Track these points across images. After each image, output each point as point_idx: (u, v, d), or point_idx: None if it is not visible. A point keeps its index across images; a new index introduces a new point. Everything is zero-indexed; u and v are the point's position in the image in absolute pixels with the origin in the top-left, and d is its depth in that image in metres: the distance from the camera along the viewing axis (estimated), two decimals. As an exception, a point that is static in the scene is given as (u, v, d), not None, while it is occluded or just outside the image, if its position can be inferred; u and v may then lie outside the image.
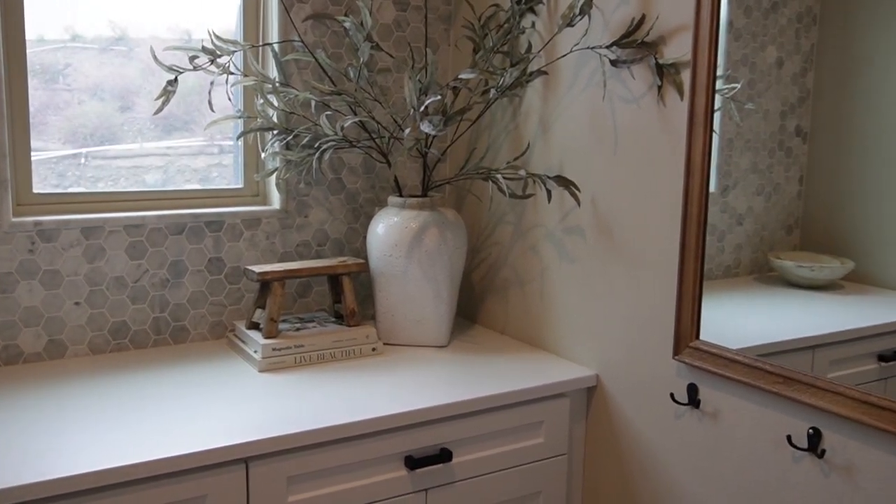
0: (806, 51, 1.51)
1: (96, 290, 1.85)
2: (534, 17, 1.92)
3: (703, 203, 1.54)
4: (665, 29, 1.60)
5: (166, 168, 2.00)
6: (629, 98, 1.70)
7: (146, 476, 1.32)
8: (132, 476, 1.31)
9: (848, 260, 1.44)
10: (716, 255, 1.59)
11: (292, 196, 2.07)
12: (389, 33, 2.14)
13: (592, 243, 1.82)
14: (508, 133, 2.05)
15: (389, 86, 2.15)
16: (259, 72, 1.90)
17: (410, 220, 1.92)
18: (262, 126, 1.93)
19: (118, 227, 1.86)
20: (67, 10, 1.85)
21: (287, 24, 1.98)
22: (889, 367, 1.39)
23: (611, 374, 1.80)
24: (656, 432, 1.70)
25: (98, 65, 1.89)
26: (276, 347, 1.79)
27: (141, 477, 1.32)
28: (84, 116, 1.89)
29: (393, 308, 1.96)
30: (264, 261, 2.04)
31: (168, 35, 1.96)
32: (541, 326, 1.99)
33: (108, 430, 1.43)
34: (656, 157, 1.65)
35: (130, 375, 1.73)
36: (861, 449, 1.32)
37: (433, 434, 1.61)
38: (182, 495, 1.37)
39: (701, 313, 1.58)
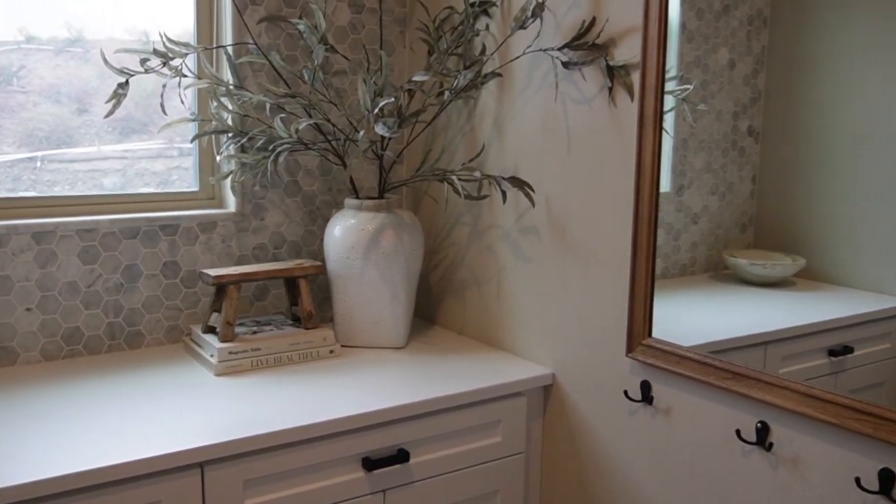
0: (757, 52, 1.54)
1: (48, 296, 1.83)
2: (487, 20, 1.94)
3: (653, 203, 1.57)
4: (615, 31, 1.63)
5: (125, 171, 1.98)
6: (581, 99, 1.72)
7: (99, 482, 1.31)
8: (85, 483, 1.29)
9: (799, 257, 1.48)
10: (672, 254, 1.62)
11: (248, 199, 2.06)
12: (345, 35, 2.14)
13: (547, 243, 1.84)
14: (464, 135, 2.07)
15: (345, 88, 2.15)
16: (213, 74, 1.89)
17: (367, 222, 1.92)
18: (217, 129, 1.92)
19: (70, 232, 1.83)
20: (21, 11, 1.82)
21: (241, 27, 1.98)
22: (839, 362, 1.42)
23: (566, 373, 1.82)
24: (611, 429, 1.72)
25: (53, 67, 1.87)
26: (232, 351, 1.78)
27: (94, 483, 1.30)
28: (39, 119, 1.87)
29: (350, 310, 1.96)
30: (220, 264, 2.03)
31: (125, 36, 1.94)
32: (498, 326, 2.01)
33: (61, 438, 1.42)
34: (608, 158, 1.67)
35: (84, 382, 1.71)
36: (807, 441, 1.35)
37: (391, 435, 1.62)
38: (137, 501, 1.36)
39: (653, 311, 1.60)
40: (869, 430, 1.24)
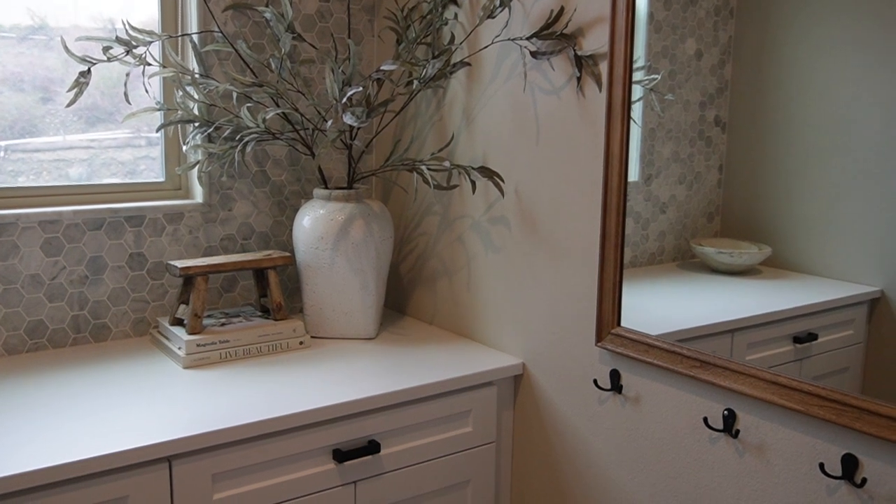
0: (724, 43, 1.54)
1: (10, 289, 1.79)
2: (456, 9, 1.93)
3: (622, 192, 1.57)
4: (583, 21, 1.63)
5: (91, 161, 1.95)
6: (549, 89, 1.72)
7: (65, 478, 1.29)
8: (50, 479, 1.28)
9: (765, 246, 1.49)
10: (640, 243, 1.63)
11: (215, 189, 2.04)
12: (312, 24, 2.12)
13: (517, 233, 1.84)
14: (433, 124, 2.06)
15: (313, 77, 2.13)
16: (178, 63, 1.86)
17: (336, 213, 1.91)
18: (183, 118, 1.89)
19: (32, 224, 1.80)
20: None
21: (206, 14, 1.95)
22: (803, 349, 1.44)
23: (536, 362, 1.82)
24: (581, 418, 1.74)
25: (16, 54, 1.83)
26: (200, 343, 1.76)
27: (60, 479, 1.29)
28: (2, 108, 1.83)
29: (320, 301, 1.95)
30: (188, 256, 2.01)
31: (90, 24, 1.90)
32: (468, 316, 2.01)
33: (24, 433, 1.39)
34: (576, 148, 1.68)
35: (48, 376, 1.68)
36: (772, 428, 1.37)
37: (361, 426, 1.61)
38: (103, 496, 1.34)
39: (621, 300, 1.61)
40: (832, 416, 1.26)
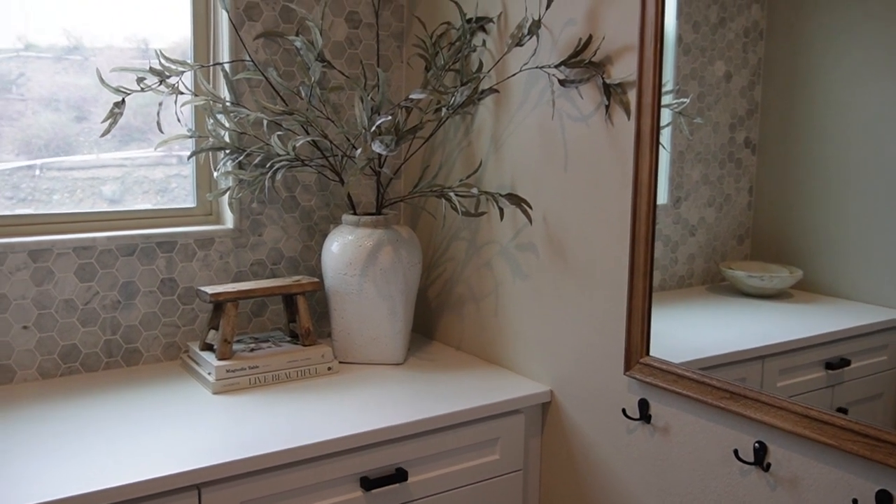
0: (753, 64, 1.54)
1: (45, 314, 1.82)
2: (484, 36, 1.94)
3: (650, 220, 1.57)
4: (611, 49, 1.63)
5: (123, 179, 1.98)
6: (578, 117, 1.72)
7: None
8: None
9: (797, 269, 1.47)
10: (669, 266, 1.62)
11: (246, 215, 2.06)
12: (341, 51, 2.14)
13: (545, 260, 1.84)
14: (461, 150, 2.07)
15: (342, 103, 2.15)
16: (209, 91, 1.89)
17: (365, 239, 1.92)
18: (214, 146, 1.92)
19: (67, 250, 1.83)
20: (20, 19, 1.82)
21: (238, 43, 1.98)
22: (836, 375, 1.42)
23: (564, 390, 1.81)
24: (610, 447, 1.72)
25: (52, 74, 1.86)
26: (229, 369, 1.77)
27: (90, 507, 1.30)
28: (38, 127, 1.87)
29: (348, 326, 1.96)
30: (218, 281, 2.03)
31: (124, 44, 1.94)
32: (495, 342, 2.00)
33: (59, 458, 1.41)
34: (605, 175, 1.67)
35: (81, 400, 1.70)
36: (805, 462, 1.35)
37: (389, 454, 1.61)
38: (133, 524, 1.35)
39: (650, 329, 1.60)
40: (866, 451, 1.23)
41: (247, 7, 1.99)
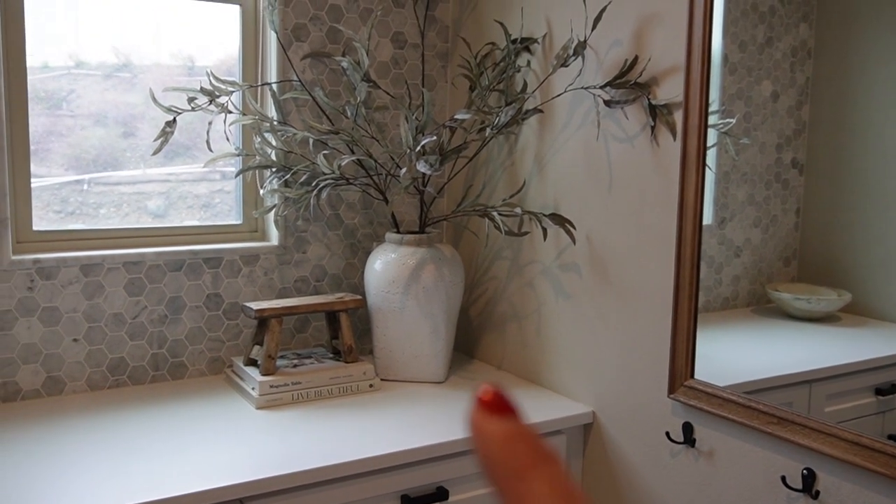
0: (801, 84, 1.52)
1: (95, 327, 1.86)
2: (529, 56, 1.95)
3: (696, 241, 1.55)
4: (657, 70, 1.63)
5: (168, 194, 2.02)
6: (623, 137, 1.72)
7: (141, 518, 1.33)
8: (127, 518, 1.31)
9: (845, 292, 1.45)
10: (714, 287, 1.60)
11: (290, 232, 2.08)
12: (387, 70, 2.17)
13: (588, 280, 1.83)
14: (505, 170, 2.07)
15: (386, 122, 2.18)
16: (257, 110, 1.92)
17: (408, 257, 1.93)
18: (261, 164, 1.95)
19: (117, 264, 1.87)
20: (71, 38, 1.87)
21: (285, 63, 2.01)
22: (886, 401, 1.39)
23: (607, 412, 1.80)
24: (652, 470, 1.70)
25: (101, 91, 1.91)
26: (273, 384, 1.79)
27: (136, 519, 1.32)
28: (87, 142, 1.91)
29: (390, 344, 1.97)
30: (262, 296, 2.06)
31: (171, 61, 1.98)
32: (537, 362, 2.00)
33: (106, 470, 1.44)
34: (650, 196, 1.67)
35: (128, 412, 1.73)
36: (854, 490, 1.32)
37: (430, 473, 1.61)
38: (177, 537, 1.37)
39: (696, 352, 1.58)
40: (920, 481, 1.21)
41: (295, 28, 2.02)
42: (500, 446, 0.25)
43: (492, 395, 0.25)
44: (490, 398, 0.25)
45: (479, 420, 0.25)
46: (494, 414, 0.25)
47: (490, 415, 0.25)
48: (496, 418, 0.25)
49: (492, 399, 0.26)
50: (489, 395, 0.25)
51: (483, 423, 0.25)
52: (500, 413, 0.26)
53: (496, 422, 0.25)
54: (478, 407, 0.25)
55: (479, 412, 0.25)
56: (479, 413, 0.25)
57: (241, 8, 2.03)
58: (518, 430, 0.25)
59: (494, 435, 0.25)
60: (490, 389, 0.25)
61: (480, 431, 0.25)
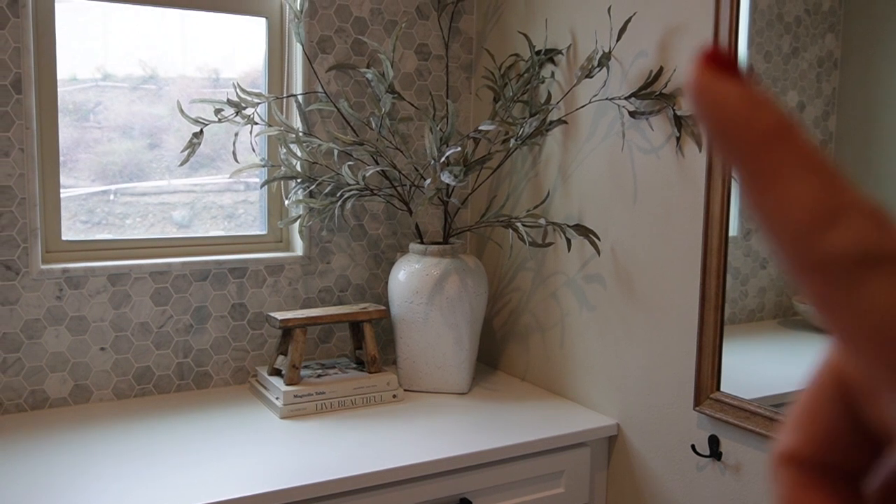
0: (827, 95, 1.51)
1: (121, 336, 1.88)
2: (553, 68, 1.95)
3: (722, 253, 1.54)
4: (683, 81, 1.62)
5: (193, 204, 2.04)
6: (648, 148, 1.71)
7: (167, 527, 1.34)
8: (153, 527, 1.32)
9: (872, 305, 1.43)
10: (739, 299, 1.59)
11: (315, 242, 2.09)
12: (411, 82, 2.18)
13: (612, 292, 1.82)
14: (528, 181, 2.07)
15: (410, 134, 2.18)
16: (283, 122, 1.94)
17: (432, 268, 1.93)
18: (286, 175, 1.96)
19: (144, 274, 1.89)
20: (100, 51, 1.90)
21: (310, 75, 2.03)
22: (916, 415, 1.37)
23: (631, 424, 1.79)
24: (678, 484, 1.69)
25: (128, 103, 1.94)
26: (297, 394, 1.80)
27: (162, 527, 1.33)
28: (114, 154, 1.94)
29: (414, 354, 1.97)
30: (287, 306, 2.07)
31: (196, 74, 2.01)
32: (561, 374, 1.99)
33: (131, 478, 1.45)
34: (675, 208, 1.66)
35: (153, 421, 1.74)
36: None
37: (453, 484, 1.61)
38: (202, 546, 1.38)
39: (722, 364, 1.57)
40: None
41: (320, 40, 2.04)
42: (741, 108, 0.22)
43: (719, 53, 0.23)
44: (718, 56, 0.22)
45: (707, 80, 0.22)
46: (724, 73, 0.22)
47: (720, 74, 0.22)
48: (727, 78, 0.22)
49: (721, 57, 0.23)
50: (721, 57, 0.22)
51: (714, 83, 0.22)
52: (730, 72, 0.23)
53: (730, 81, 0.22)
54: (704, 66, 0.22)
55: (705, 72, 0.22)
56: (707, 73, 0.22)
57: (267, 20, 2.05)
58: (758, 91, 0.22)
59: (734, 97, 0.22)
60: (716, 47, 0.22)
61: (714, 95, 0.22)
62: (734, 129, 0.22)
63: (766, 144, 0.22)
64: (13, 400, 1.78)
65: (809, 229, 0.21)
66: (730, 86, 0.22)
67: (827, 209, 0.21)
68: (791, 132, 0.22)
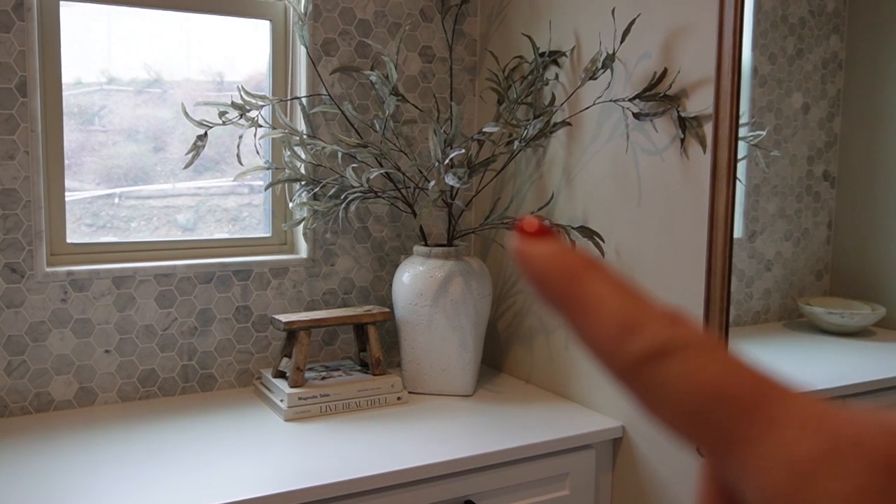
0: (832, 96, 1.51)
1: (126, 339, 1.88)
2: (557, 69, 1.95)
3: (727, 255, 1.54)
4: (687, 82, 1.62)
5: (197, 208, 2.04)
6: (652, 150, 1.71)
7: (172, 529, 1.34)
8: (158, 529, 1.32)
9: (879, 306, 1.43)
10: (744, 301, 1.59)
11: (319, 245, 2.10)
12: (415, 84, 2.18)
13: (617, 293, 1.82)
14: (532, 182, 2.07)
15: (415, 136, 2.19)
16: (287, 124, 1.94)
17: (436, 270, 1.93)
18: (290, 177, 1.96)
19: (148, 277, 1.89)
20: (104, 54, 1.90)
21: (314, 78, 2.03)
22: (923, 418, 1.37)
23: (636, 426, 1.78)
24: (683, 486, 1.68)
25: (132, 106, 1.94)
26: (301, 397, 1.80)
27: (167, 530, 1.33)
28: (118, 157, 1.94)
29: (418, 357, 1.97)
30: (291, 309, 2.07)
31: (201, 77, 2.01)
32: (566, 376, 1.99)
33: (136, 481, 1.45)
34: (680, 209, 1.66)
35: (158, 423, 1.75)
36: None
37: (457, 486, 1.61)
38: (207, 548, 1.38)
39: (727, 366, 1.56)
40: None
41: (324, 42, 2.04)
42: (549, 260, 0.27)
43: (536, 225, 0.28)
44: (535, 229, 0.28)
45: (525, 247, 0.28)
46: (536, 238, 0.28)
47: (532, 239, 0.28)
48: (539, 241, 0.28)
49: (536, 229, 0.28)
50: (532, 226, 0.28)
51: (529, 248, 0.28)
52: (541, 236, 0.28)
53: (541, 244, 0.28)
54: (522, 237, 0.28)
55: (524, 241, 0.28)
56: (525, 241, 0.28)
57: (271, 23, 2.06)
58: (563, 246, 0.28)
59: (543, 253, 0.27)
60: (534, 221, 0.28)
61: (528, 255, 0.28)
62: (545, 275, 0.27)
63: (570, 281, 0.27)
64: (18, 402, 1.78)
65: (615, 341, 0.26)
66: (540, 246, 0.28)
67: (626, 321, 0.26)
68: (590, 268, 0.27)
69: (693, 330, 0.26)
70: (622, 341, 0.26)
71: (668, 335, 0.25)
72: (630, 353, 0.25)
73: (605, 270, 0.27)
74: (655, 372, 0.25)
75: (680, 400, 0.25)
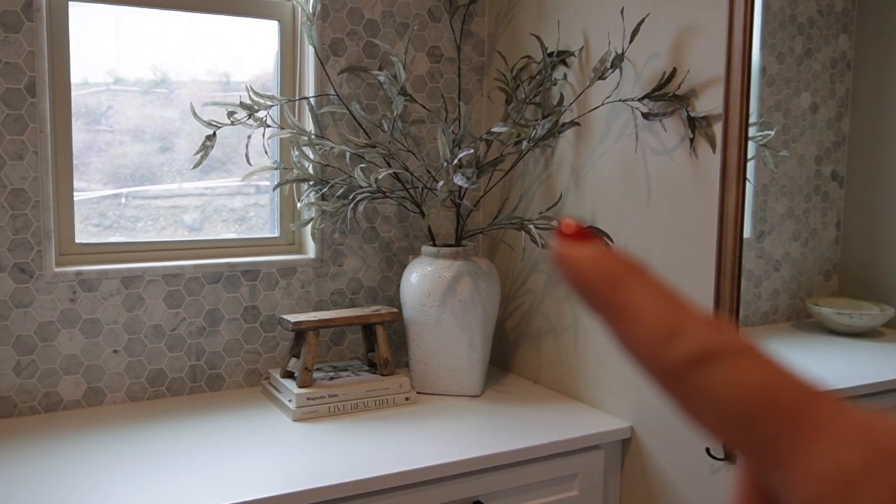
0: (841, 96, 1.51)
1: (135, 339, 1.88)
2: (566, 69, 1.94)
3: (737, 255, 1.54)
4: (696, 82, 1.61)
5: (204, 208, 2.04)
6: (661, 150, 1.70)
7: (181, 529, 1.34)
8: (167, 529, 1.32)
9: (888, 306, 1.43)
10: (752, 302, 1.58)
11: (327, 245, 2.10)
12: (423, 84, 2.18)
13: (626, 294, 1.81)
14: (541, 183, 2.07)
15: (423, 136, 2.18)
16: (295, 124, 1.94)
17: (444, 270, 1.93)
18: (298, 177, 1.96)
19: (157, 277, 1.89)
20: (111, 54, 1.91)
21: (323, 77, 2.03)
22: (933, 419, 1.36)
23: (645, 427, 1.78)
24: (693, 487, 1.68)
25: (139, 106, 1.94)
26: (310, 397, 1.80)
27: (176, 530, 1.33)
28: (125, 157, 1.94)
29: (426, 357, 1.96)
30: (299, 309, 2.07)
31: (207, 78, 2.01)
32: (574, 376, 1.98)
33: (144, 481, 1.45)
34: (689, 209, 1.65)
35: (166, 423, 1.75)
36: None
37: (466, 486, 1.61)
38: (216, 548, 1.38)
39: (736, 366, 1.56)
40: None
41: (332, 43, 2.04)
42: (590, 263, 0.27)
43: (574, 227, 0.28)
44: (573, 231, 0.28)
45: (565, 250, 0.28)
46: (576, 240, 0.28)
47: (573, 242, 0.28)
48: (580, 244, 0.28)
49: (574, 231, 0.28)
50: (571, 228, 0.28)
51: (570, 251, 0.28)
52: (582, 239, 0.28)
53: (581, 247, 0.28)
54: (559, 238, 0.28)
55: (563, 244, 0.28)
56: (564, 244, 0.28)
57: (279, 23, 2.06)
58: (604, 249, 0.28)
59: (583, 256, 0.27)
60: (572, 223, 0.28)
61: (569, 258, 0.28)
62: (587, 279, 0.27)
63: (613, 286, 0.27)
64: (27, 402, 1.78)
65: (658, 346, 0.26)
66: (581, 249, 0.27)
67: (669, 326, 0.26)
68: (632, 272, 0.27)
69: (737, 336, 0.26)
70: (665, 346, 0.26)
71: (712, 341, 0.25)
72: (673, 357, 0.25)
73: (646, 274, 0.27)
74: (699, 377, 0.25)
75: (723, 405, 0.25)
